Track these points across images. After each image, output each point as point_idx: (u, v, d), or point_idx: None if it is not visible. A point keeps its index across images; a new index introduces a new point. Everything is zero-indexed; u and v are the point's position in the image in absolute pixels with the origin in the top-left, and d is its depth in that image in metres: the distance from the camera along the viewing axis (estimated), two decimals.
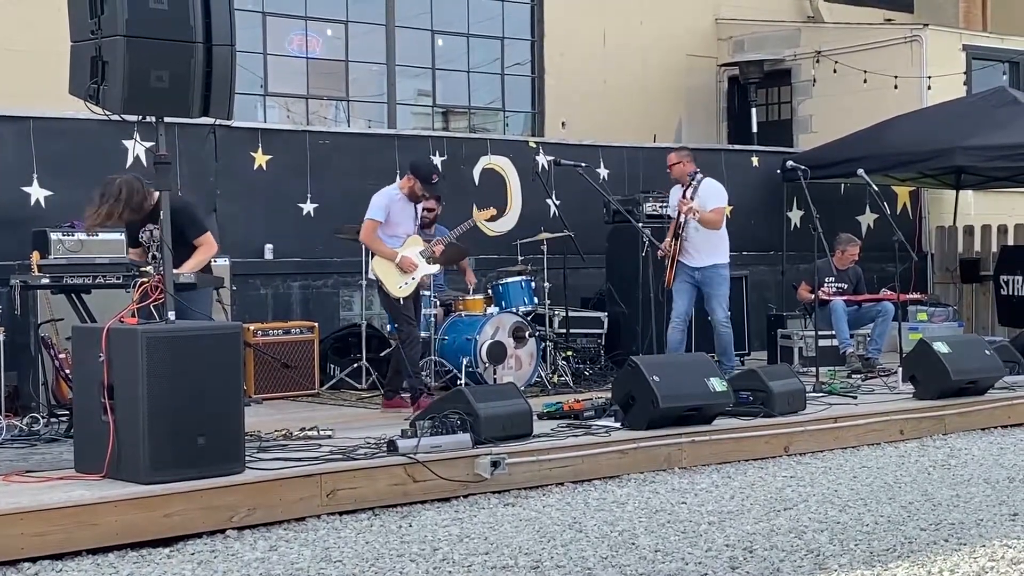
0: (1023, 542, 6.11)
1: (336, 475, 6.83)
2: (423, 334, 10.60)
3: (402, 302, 9.44)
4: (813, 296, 11.77)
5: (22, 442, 7.84)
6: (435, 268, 9.78)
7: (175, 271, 7.56)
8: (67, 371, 8.20)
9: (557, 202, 12.02)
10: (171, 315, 6.74)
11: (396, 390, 9.70)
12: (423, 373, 9.83)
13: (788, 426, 8.86)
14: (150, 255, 7.27)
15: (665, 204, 11.80)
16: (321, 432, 7.88)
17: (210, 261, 8.39)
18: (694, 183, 10.87)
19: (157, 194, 7.79)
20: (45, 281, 7.88)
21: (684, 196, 10.87)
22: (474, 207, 11.05)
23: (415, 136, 13.34)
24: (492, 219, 11.10)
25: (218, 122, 7.10)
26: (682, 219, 10.76)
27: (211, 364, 6.56)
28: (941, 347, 10.07)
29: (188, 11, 6.67)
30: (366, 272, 10.91)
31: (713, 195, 10.88)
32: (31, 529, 5.84)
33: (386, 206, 9.46)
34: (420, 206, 9.84)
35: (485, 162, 13.06)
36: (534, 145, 13.54)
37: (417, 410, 9.13)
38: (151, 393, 6.34)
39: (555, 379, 10.88)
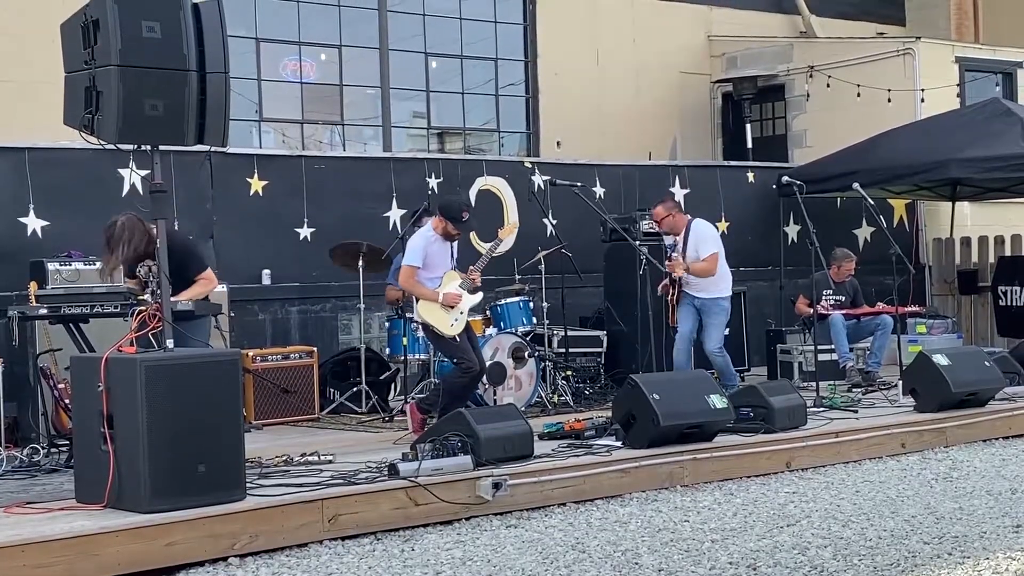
0: None
1: (338, 500, 6.81)
2: (422, 356, 10.62)
3: (458, 339, 9.26)
4: (811, 310, 11.76)
5: (23, 473, 7.82)
6: (479, 297, 9.61)
7: (173, 299, 7.57)
8: (66, 401, 8.19)
9: (554, 222, 12.02)
10: (169, 343, 6.74)
11: (432, 407, 9.53)
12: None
13: (789, 442, 8.85)
14: (149, 291, 7.27)
15: None
16: (322, 457, 7.87)
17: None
18: (688, 232, 10.78)
19: (155, 228, 7.80)
20: (43, 311, 7.87)
21: (672, 255, 10.77)
22: (498, 229, 10.91)
23: (411, 159, 13.36)
24: (487, 231, 10.83)
25: (213, 149, 7.13)
26: (680, 274, 10.70)
27: (210, 391, 6.56)
28: (941, 359, 10.07)
29: (181, 39, 6.68)
30: (364, 295, 10.93)
31: (705, 241, 10.76)
32: (33, 561, 5.83)
33: (423, 248, 9.30)
34: (426, 221, 9.66)
35: (481, 183, 13.07)
36: (529, 165, 13.57)
37: (417, 431, 9.14)
38: (151, 422, 6.33)
39: (555, 399, 10.87)
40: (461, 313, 9.25)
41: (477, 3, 16.22)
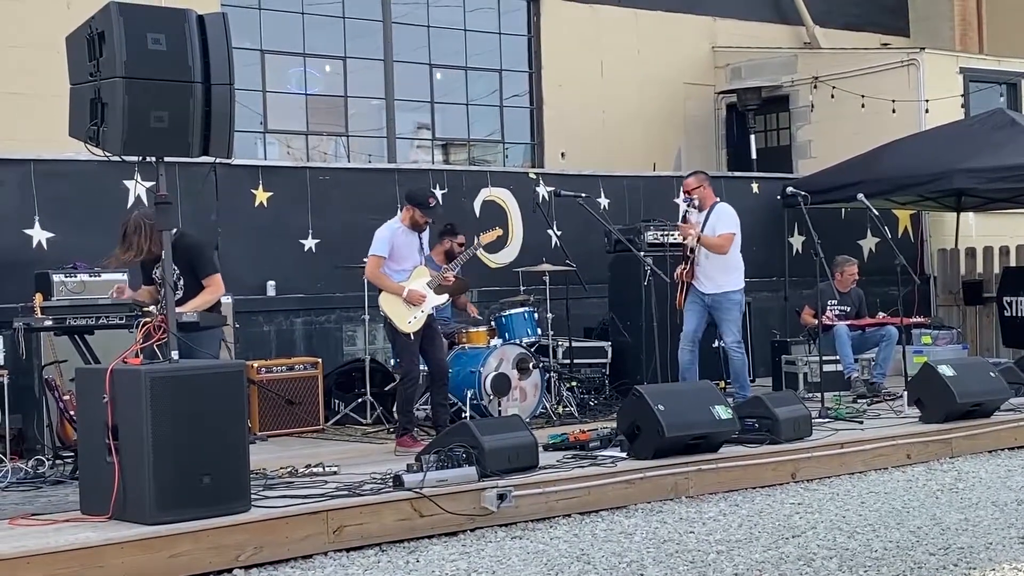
0: None
1: (342, 511, 6.81)
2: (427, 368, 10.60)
3: (412, 338, 9.34)
4: (816, 321, 11.76)
5: (27, 485, 7.82)
6: (443, 298, 9.66)
7: (180, 309, 7.58)
8: (71, 413, 8.20)
9: (558, 233, 12.03)
10: (174, 355, 6.74)
11: (408, 424, 9.54)
12: (414, 413, 9.66)
13: (794, 452, 8.84)
14: (162, 293, 7.29)
15: (666, 232, 11.81)
16: (326, 468, 7.87)
17: (219, 301, 8.39)
18: (712, 210, 10.78)
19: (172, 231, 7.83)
20: (48, 323, 7.87)
21: (687, 220, 10.80)
22: (479, 233, 10.93)
23: (415, 169, 13.38)
24: (493, 243, 10.86)
25: (218, 160, 7.12)
26: (690, 242, 10.68)
27: (215, 403, 6.56)
28: (946, 370, 10.06)
29: (186, 51, 6.70)
30: (368, 307, 10.94)
31: (724, 220, 10.72)
32: (38, 573, 5.83)
33: (389, 239, 9.40)
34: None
35: (486, 194, 13.08)
36: (534, 176, 13.57)
37: (399, 448, 9.12)
38: (155, 433, 6.33)
39: (560, 410, 10.87)
40: (422, 312, 9.30)
41: (481, 15, 16.25)
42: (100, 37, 6.58)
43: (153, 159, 6.89)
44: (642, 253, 11.37)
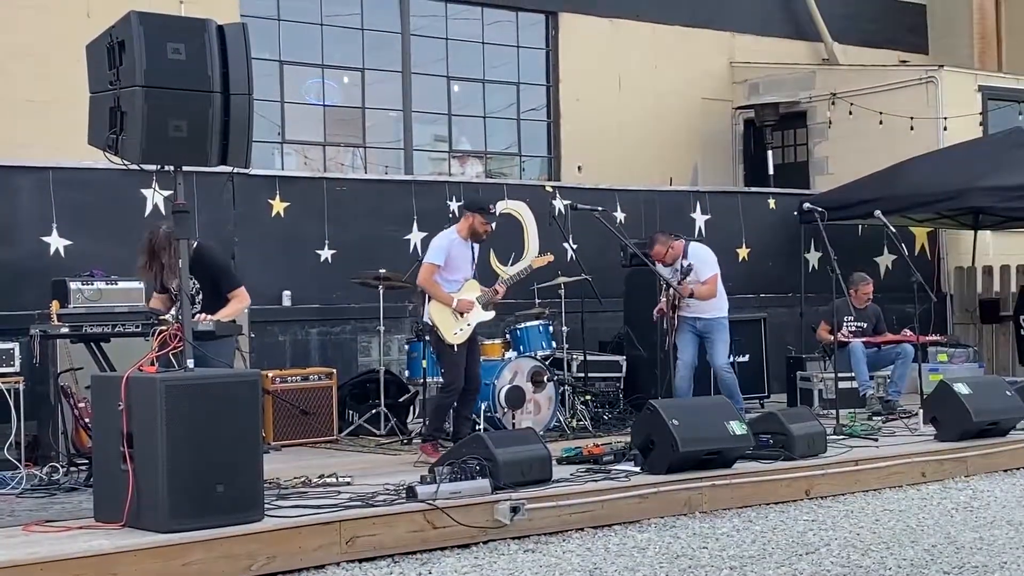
0: None
1: (355, 522, 6.81)
2: (441, 380, 10.60)
3: (456, 349, 9.33)
4: (833, 337, 11.73)
5: (42, 491, 7.84)
6: (491, 315, 9.64)
7: (209, 318, 7.60)
8: (86, 420, 8.22)
9: (574, 246, 12.03)
10: (190, 363, 6.76)
11: (437, 432, 9.48)
12: (448, 423, 9.69)
13: (809, 469, 8.81)
14: (178, 303, 7.30)
15: None
16: (340, 479, 7.87)
17: None
18: (685, 262, 10.79)
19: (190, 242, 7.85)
20: (64, 330, 7.89)
21: (681, 282, 10.76)
22: (534, 254, 10.90)
23: (432, 181, 13.39)
24: (506, 251, 10.85)
25: (236, 170, 7.14)
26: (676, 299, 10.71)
27: (230, 412, 6.57)
28: (962, 388, 10.02)
29: (206, 61, 6.72)
30: (384, 318, 10.95)
31: (705, 265, 10.79)
32: None
33: (446, 248, 9.37)
34: (471, 216, 9.58)
35: (502, 207, 13.07)
36: (550, 189, 13.58)
37: (422, 453, 9.13)
38: (170, 441, 6.34)
39: (574, 423, 10.85)
40: (468, 324, 9.29)
41: (500, 28, 16.28)
42: (120, 46, 6.61)
43: (171, 168, 6.92)
44: (658, 267, 11.35)
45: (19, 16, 12.78)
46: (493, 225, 9.62)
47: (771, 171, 17.07)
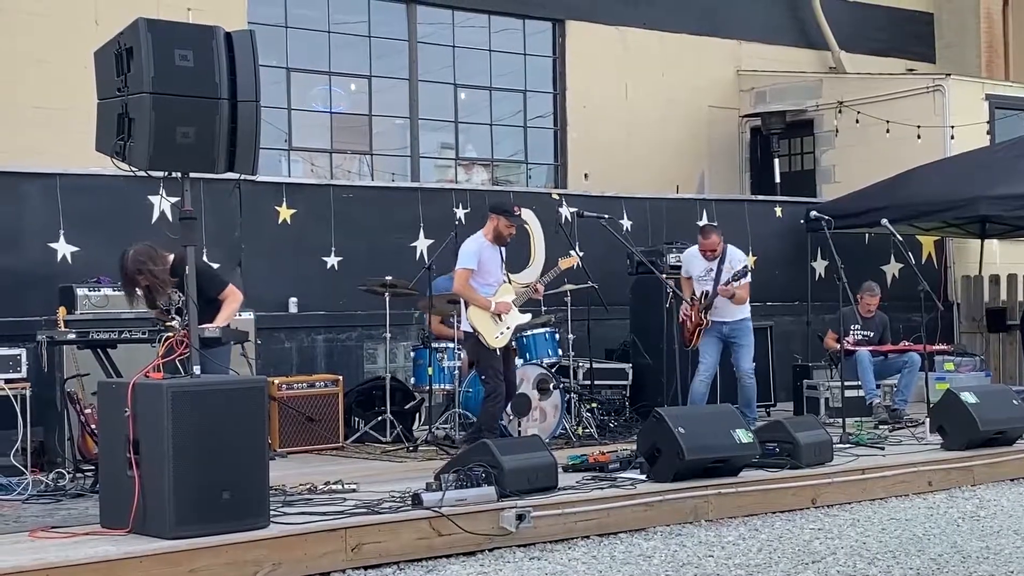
0: None
1: (361, 529, 6.81)
2: (447, 387, 10.62)
3: (497, 352, 9.33)
4: (839, 345, 11.72)
5: (48, 498, 7.85)
6: (527, 317, 9.69)
7: (207, 326, 7.60)
8: (93, 426, 8.22)
9: (580, 254, 12.02)
10: (196, 370, 6.76)
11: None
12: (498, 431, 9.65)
13: (815, 478, 8.80)
14: (175, 320, 7.31)
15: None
16: (346, 486, 7.87)
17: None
18: (740, 266, 10.90)
19: (171, 256, 7.87)
20: (71, 336, 7.91)
21: (720, 278, 10.82)
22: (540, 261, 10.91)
23: (439, 189, 13.40)
24: (515, 258, 10.88)
25: (243, 177, 7.14)
26: (709, 294, 10.77)
27: (236, 418, 6.57)
28: (968, 397, 10.01)
29: (214, 68, 6.73)
30: (390, 324, 10.95)
31: (740, 265, 10.95)
32: None
33: (477, 252, 9.42)
34: (496, 218, 9.59)
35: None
36: (557, 197, 13.58)
37: None
38: (176, 448, 6.34)
39: (580, 431, 10.84)
40: (508, 328, 9.31)
41: (506, 36, 16.29)
42: (128, 53, 6.62)
43: (178, 174, 6.92)
44: (664, 275, 11.35)
45: (27, 23, 12.81)
46: (515, 228, 9.66)
47: (778, 179, 17.07)
